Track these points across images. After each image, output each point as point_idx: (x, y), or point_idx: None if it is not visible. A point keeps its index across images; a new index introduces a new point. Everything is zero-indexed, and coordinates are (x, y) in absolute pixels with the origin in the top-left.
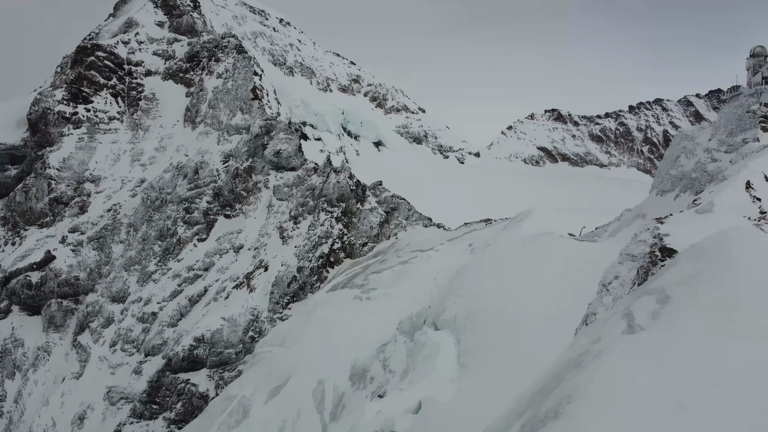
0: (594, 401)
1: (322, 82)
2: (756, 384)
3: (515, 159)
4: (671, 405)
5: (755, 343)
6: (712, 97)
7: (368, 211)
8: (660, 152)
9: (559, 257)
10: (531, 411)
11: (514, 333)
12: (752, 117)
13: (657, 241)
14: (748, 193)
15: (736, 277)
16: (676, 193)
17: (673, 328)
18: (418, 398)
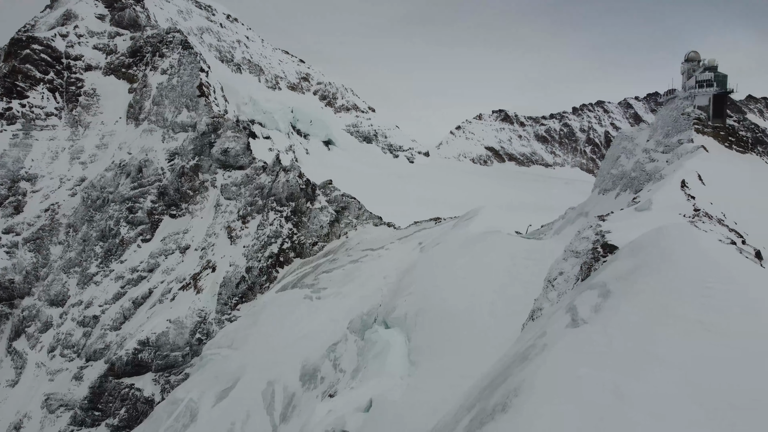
0: (540, 394)
1: (270, 80)
2: (688, 372)
3: (464, 158)
4: (611, 395)
5: (688, 334)
6: (650, 100)
7: (318, 210)
8: (602, 152)
9: (506, 254)
10: (480, 405)
11: (462, 329)
12: (687, 119)
13: (599, 238)
14: (683, 191)
15: (672, 271)
16: (617, 191)
17: (613, 321)
18: (368, 396)
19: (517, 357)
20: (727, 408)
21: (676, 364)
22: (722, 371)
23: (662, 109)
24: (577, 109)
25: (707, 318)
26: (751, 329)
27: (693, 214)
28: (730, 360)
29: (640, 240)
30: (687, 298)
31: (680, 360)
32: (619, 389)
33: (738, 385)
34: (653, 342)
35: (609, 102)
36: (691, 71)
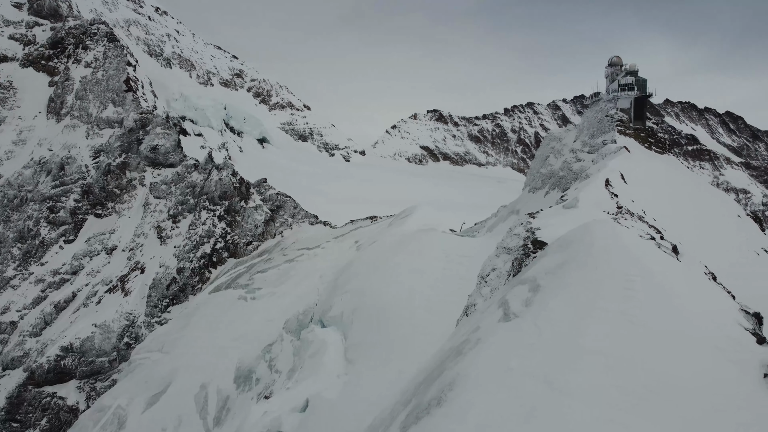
0: (473, 386)
1: (202, 76)
2: (611, 360)
3: (399, 157)
4: (541, 384)
5: (612, 325)
6: (577, 102)
7: (253, 209)
8: (532, 152)
9: (441, 252)
10: (416, 400)
11: (399, 326)
12: (610, 121)
13: (529, 235)
14: (608, 190)
15: (597, 266)
16: (546, 190)
17: (543, 314)
18: (305, 396)
19: (451, 352)
20: (643, 391)
21: (601, 353)
22: (641, 358)
23: (588, 111)
24: (508, 110)
25: (628, 309)
26: (666, 319)
27: (616, 212)
28: (647, 347)
29: (568, 236)
30: (610, 290)
31: (604, 349)
32: (549, 379)
33: (654, 370)
34: (580, 333)
35: (538, 104)
36: (614, 75)
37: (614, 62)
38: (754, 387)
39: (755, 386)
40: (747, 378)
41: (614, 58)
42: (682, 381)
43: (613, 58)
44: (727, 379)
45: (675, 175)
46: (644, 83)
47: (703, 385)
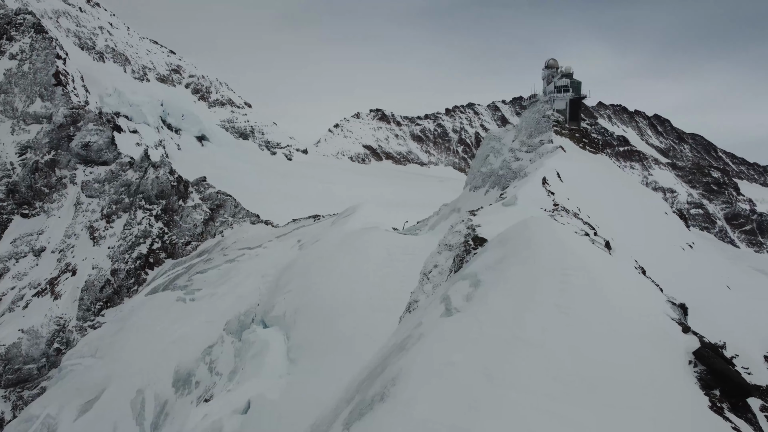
0: (416, 381)
1: (137, 71)
2: (549, 352)
3: (342, 156)
4: (483, 377)
5: (549, 317)
6: (516, 104)
7: (191, 208)
8: (472, 152)
9: (384, 250)
10: (359, 396)
11: (342, 324)
12: (547, 121)
13: (470, 232)
14: (545, 187)
15: (535, 260)
16: (486, 188)
17: (483, 309)
18: (246, 398)
19: (394, 348)
20: (579, 382)
21: (539, 345)
22: (576, 349)
23: (526, 112)
24: (450, 110)
25: (564, 302)
26: (600, 311)
27: (553, 209)
28: (582, 338)
29: (507, 233)
30: (547, 284)
31: (542, 341)
32: (490, 372)
33: (588, 360)
34: (519, 326)
35: (479, 104)
36: (551, 77)
37: (551, 65)
38: (680, 373)
39: (681, 372)
40: (673, 365)
41: (551, 60)
42: (614, 370)
43: (550, 60)
44: (656, 367)
45: (608, 174)
46: (579, 85)
47: (633, 373)
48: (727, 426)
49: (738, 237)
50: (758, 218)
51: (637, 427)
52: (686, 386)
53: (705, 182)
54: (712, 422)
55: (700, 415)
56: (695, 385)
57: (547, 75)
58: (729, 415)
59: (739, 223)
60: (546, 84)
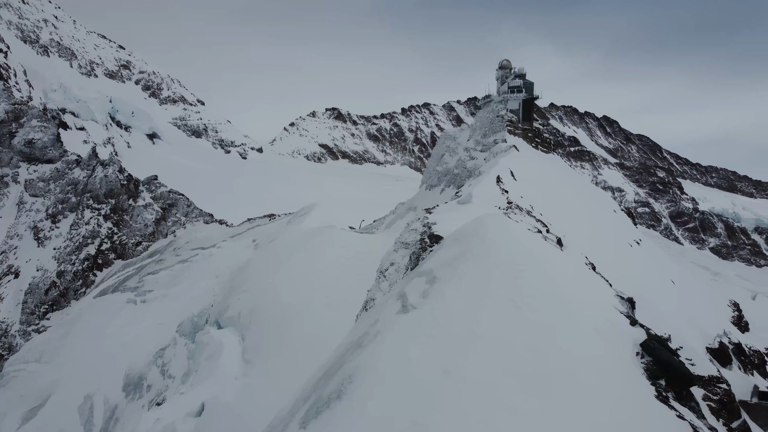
0: (373, 378)
1: (85, 66)
2: (504, 346)
3: (298, 155)
4: (439, 373)
5: (503, 312)
6: (470, 104)
7: (142, 207)
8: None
9: (341, 249)
10: (315, 395)
11: (299, 324)
12: (501, 121)
13: (426, 230)
14: (499, 186)
15: (490, 257)
16: (442, 187)
17: (440, 305)
18: (200, 400)
19: (351, 345)
20: (533, 375)
21: (493, 340)
22: (529, 343)
23: (480, 112)
24: (405, 110)
25: (519, 297)
26: (552, 305)
27: (507, 207)
28: (536, 332)
29: (462, 230)
30: (502, 280)
31: (497, 336)
32: (446, 367)
33: (542, 353)
34: (475, 321)
35: (434, 104)
36: (504, 78)
37: (504, 65)
38: (628, 364)
39: (629, 363)
40: (622, 356)
41: (504, 61)
42: (567, 362)
43: (503, 61)
44: (606, 358)
45: (559, 173)
46: (531, 86)
47: (585, 365)
48: (672, 414)
49: (682, 234)
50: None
51: (589, 417)
52: (634, 377)
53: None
54: (658, 411)
55: (647, 404)
56: (642, 376)
57: (501, 75)
58: (674, 403)
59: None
60: (500, 84)
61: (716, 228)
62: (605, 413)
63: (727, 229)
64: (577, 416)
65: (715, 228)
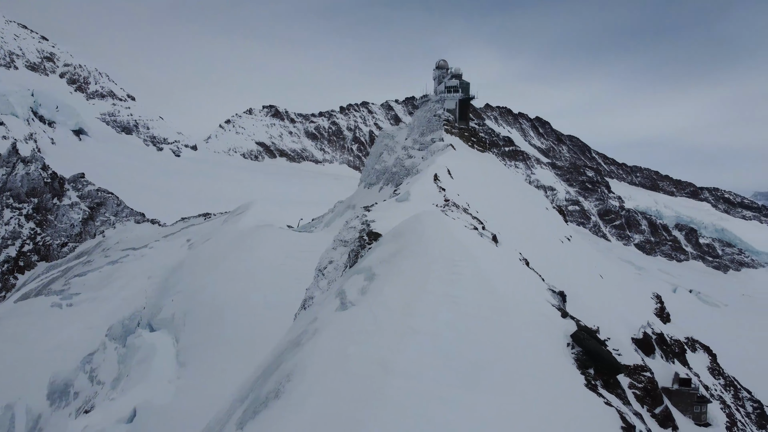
0: (312, 375)
1: (4, 57)
2: (440, 340)
3: (234, 153)
4: (378, 368)
5: (440, 306)
6: (408, 103)
7: (68, 206)
8: (367, 150)
9: (279, 248)
10: (253, 395)
11: (236, 324)
12: (438, 120)
13: (365, 227)
14: (436, 184)
15: (427, 253)
16: (381, 185)
17: (378, 301)
18: (132, 405)
19: (289, 344)
20: (468, 366)
21: (431, 334)
22: (466, 335)
23: (418, 111)
24: (344, 108)
25: (455, 292)
26: (488, 299)
27: (444, 204)
28: (472, 325)
29: (400, 227)
30: (439, 275)
31: (434, 330)
32: (384, 362)
33: (477, 345)
34: (412, 316)
35: (373, 103)
36: (441, 77)
37: (441, 65)
38: (560, 353)
39: (560, 353)
40: (554, 347)
41: (441, 61)
42: (502, 353)
43: (440, 61)
44: (539, 349)
45: (495, 171)
46: (468, 86)
47: (519, 356)
48: (600, 401)
49: (609, 231)
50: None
51: (522, 406)
52: (565, 366)
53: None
54: (587, 398)
55: (576, 392)
56: (573, 365)
57: (438, 75)
58: (602, 391)
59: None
60: (437, 84)
61: (641, 225)
62: (537, 402)
63: (651, 226)
64: (511, 406)
65: (640, 225)
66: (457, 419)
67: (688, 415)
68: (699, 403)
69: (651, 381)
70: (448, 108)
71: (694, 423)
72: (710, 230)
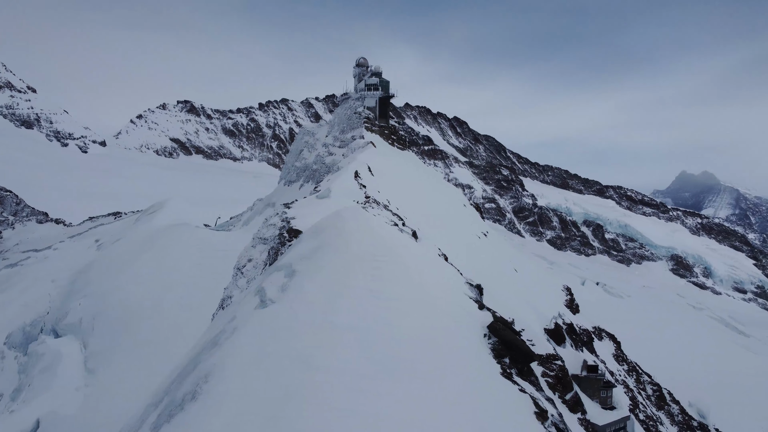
0: (230, 375)
1: None
2: (363, 334)
3: (147, 150)
4: (299, 364)
5: (362, 301)
6: (329, 101)
7: None
8: (287, 148)
9: (195, 247)
10: (168, 398)
11: (150, 327)
12: (358, 118)
13: (285, 224)
14: (357, 181)
15: (349, 248)
16: (301, 182)
17: (299, 298)
18: (35, 417)
19: (207, 344)
20: (390, 358)
21: (353, 329)
22: (387, 329)
23: (338, 109)
24: (263, 105)
25: (376, 287)
26: (408, 293)
27: (365, 201)
28: (393, 319)
29: (321, 223)
30: (360, 270)
31: (356, 325)
32: (306, 359)
33: (399, 339)
34: (334, 312)
35: (292, 100)
36: (362, 75)
37: (361, 63)
38: (477, 343)
39: (478, 344)
40: (472, 338)
41: (361, 59)
42: (422, 345)
43: (360, 59)
44: (457, 340)
45: (415, 169)
46: (387, 84)
47: (439, 347)
48: (515, 388)
49: (523, 228)
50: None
51: (442, 395)
52: (482, 356)
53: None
54: (502, 386)
55: (493, 380)
56: (489, 355)
57: (358, 73)
58: (517, 378)
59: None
60: (357, 82)
61: (552, 222)
62: (456, 390)
63: (561, 222)
64: (431, 395)
65: (551, 221)
66: (380, 411)
67: (596, 399)
68: (605, 388)
69: (562, 369)
70: (369, 106)
71: (601, 407)
72: (615, 226)
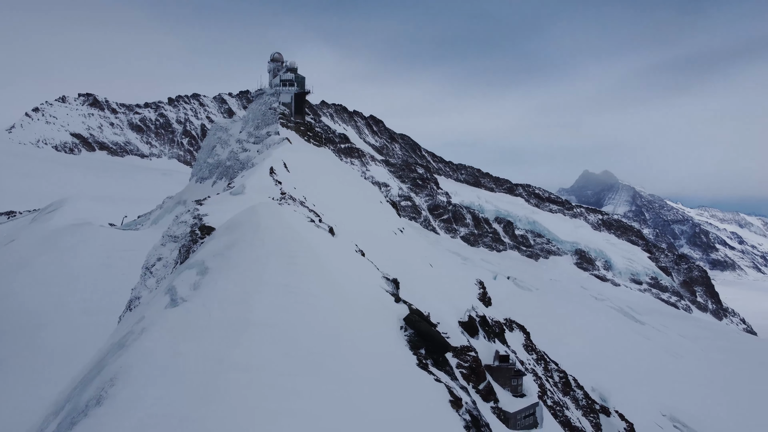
0: (139, 378)
1: None
2: (279, 331)
3: (44, 145)
4: (213, 363)
5: (278, 297)
6: (242, 97)
7: None
8: (199, 144)
9: (100, 248)
10: (70, 405)
11: (50, 333)
12: (274, 113)
13: (197, 221)
14: (272, 177)
15: (264, 244)
16: (214, 179)
17: (212, 295)
18: None
19: (113, 347)
20: (308, 354)
21: (268, 325)
22: (304, 325)
23: (253, 104)
24: (173, 99)
25: (293, 282)
26: (325, 288)
27: (280, 197)
28: (310, 314)
29: (235, 219)
30: (276, 266)
31: (273, 321)
32: (220, 357)
33: (316, 334)
34: (249, 308)
35: (204, 96)
36: (277, 71)
37: (276, 58)
38: (395, 336)
39: (394, 336)
40: (389, 330)
41: (276, 54)
42: (340, 339)
43: (275, 54)
44: (374, 333)
45: (331, 166)
46: (303, 80)
47: (356, 341)
48: (430, 378)
49: (438, 225)
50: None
51: (360, 388)
52: (399, 347)
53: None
54: (418, 376)
55: (409, 371)
56: (406, 347)
57: (273, 68)
58: (432, 369)
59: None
60: (272, 77)
61: (466, 219)
62: (374, 382)
63: (474, 219)
64: (349, 389)
65: (465, 219)
66: (298, 407)
67: (507, 388)
68: (516, 377)
69: (476, 360)
70: (284, 102)
71: (512, 395)
72: (524, 223)
